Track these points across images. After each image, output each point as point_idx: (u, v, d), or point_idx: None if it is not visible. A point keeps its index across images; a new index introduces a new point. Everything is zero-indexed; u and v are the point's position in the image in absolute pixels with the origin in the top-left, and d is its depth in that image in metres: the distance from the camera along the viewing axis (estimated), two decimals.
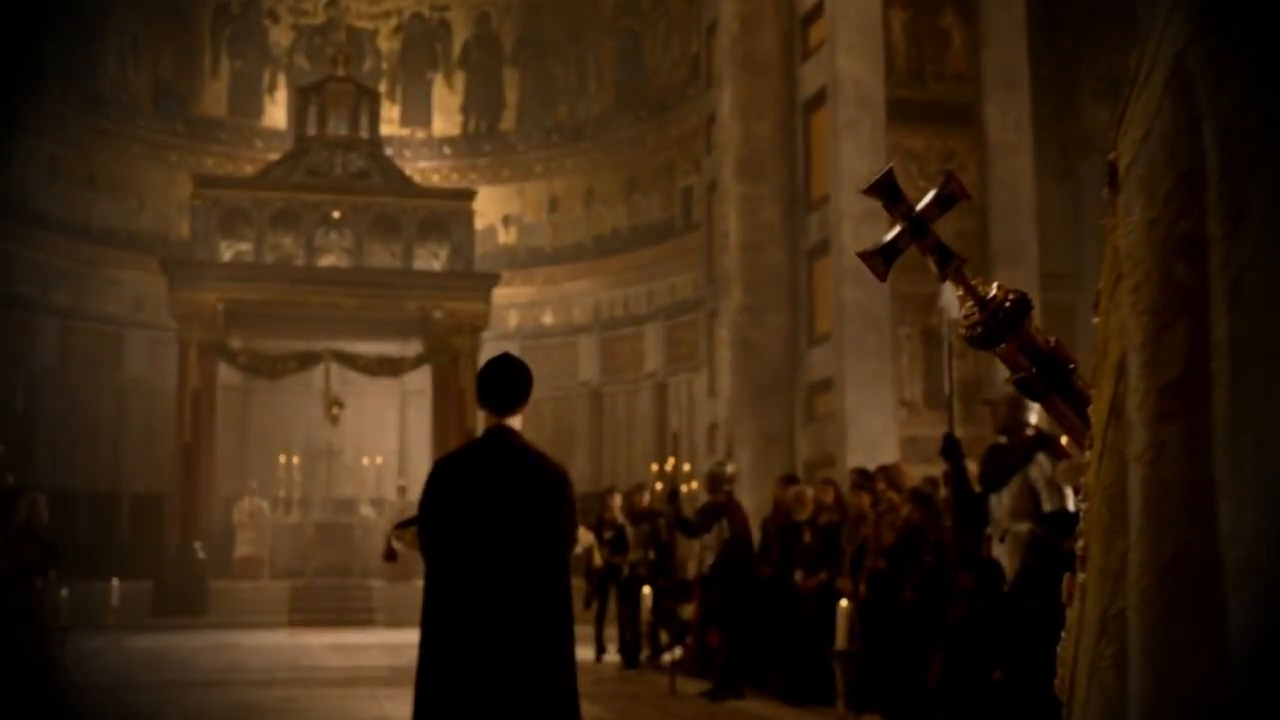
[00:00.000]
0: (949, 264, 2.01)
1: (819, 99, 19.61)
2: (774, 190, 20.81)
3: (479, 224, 28.87)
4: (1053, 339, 1.93)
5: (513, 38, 32.29)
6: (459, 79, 32.58)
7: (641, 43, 30.65)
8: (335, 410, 27.71)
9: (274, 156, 29.47)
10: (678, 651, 15.50)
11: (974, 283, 1.97)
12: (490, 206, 30.40)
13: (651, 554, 16.62)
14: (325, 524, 28.94)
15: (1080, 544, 1.62)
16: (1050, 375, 1.90)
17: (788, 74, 20.82)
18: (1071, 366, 1.90)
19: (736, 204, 21.20)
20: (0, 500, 12.56)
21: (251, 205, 27.24)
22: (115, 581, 18.63)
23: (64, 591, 14.98)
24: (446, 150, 32.26)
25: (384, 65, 32.45)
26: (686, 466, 22.40)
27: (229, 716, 11.84)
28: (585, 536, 6.08)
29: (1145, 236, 1.46)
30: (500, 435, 5.59)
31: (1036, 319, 1.94)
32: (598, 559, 9.39)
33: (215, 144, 31.27)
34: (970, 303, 1.96)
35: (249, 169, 29.81)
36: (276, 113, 31.84)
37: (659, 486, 19.16)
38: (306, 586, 26.27)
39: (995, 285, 1.96)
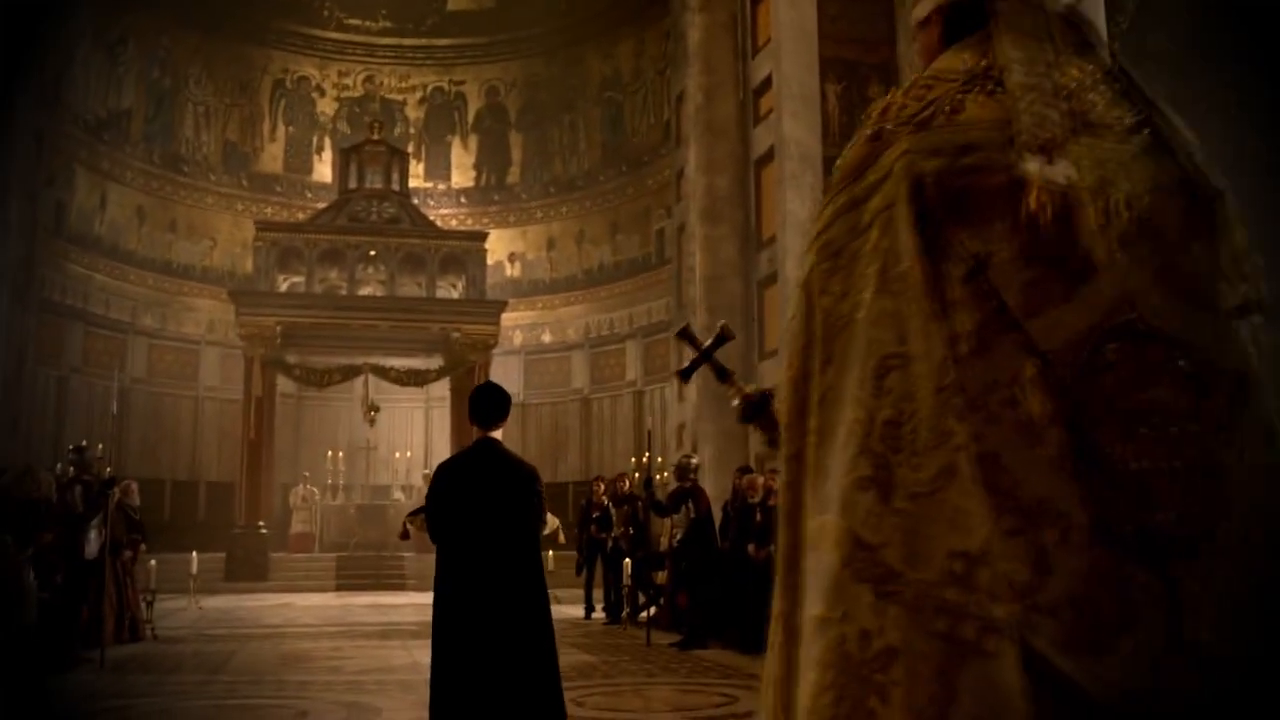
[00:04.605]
0: (726, 378, 3.02)
1: (768, 156, 19.65)
2: (731, 231, 20.85)
3: (489, 260, 28.85)
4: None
5: (517, 107, 32.34)
6: (473, 141, 32.60)
7: (623, 111, 30.71)
8: (372, 413, 27.66)
9: (321, 205, 29.46)
10: (653, 610, 15.50)
11: (739, 386, 2.84)
12: (499, 246, 30.40)
13: (631, 530, 16.63)
14: (364, 506, 28.89)
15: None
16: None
17: (743, 136, 20.88)
18: None
19: (700, 243, 21.23)
20: (99, 486, 12.52)
21: (303, 245, 27.23)
22: (194, 553, 18.64)
23: (153, 562, 14.99)
24: (463, 200, 32.25)
25: (411, 130, 32.47)
26: (659, 459, 22.43)
27: (285, 661, 11.82)
28: (552, 520, 6.58)
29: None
30: (487, 444, 6.18)
31: None
32: (561, 538, 9.76)
33: (273, 195, 31.27)
34: (737, 397, 2.80)
35: (301, 216, 29.79)
36: (323, 169, 31.82)
37: (637, 475, 19.18)
38: (349, 557, 26.22)
39: (751, 386, 2.81)
